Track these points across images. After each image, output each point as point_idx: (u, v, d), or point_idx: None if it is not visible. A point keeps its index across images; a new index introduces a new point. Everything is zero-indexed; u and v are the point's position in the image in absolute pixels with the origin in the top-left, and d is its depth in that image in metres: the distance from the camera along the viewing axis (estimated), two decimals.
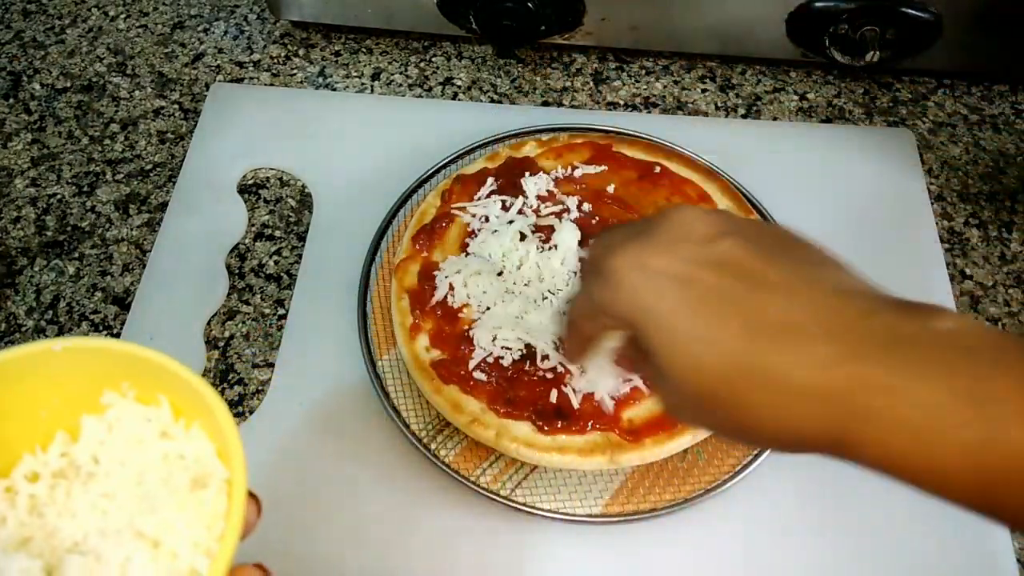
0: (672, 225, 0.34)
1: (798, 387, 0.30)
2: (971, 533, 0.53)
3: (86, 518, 0.30)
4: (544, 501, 0.53)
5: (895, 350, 0.29)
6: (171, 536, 0.29)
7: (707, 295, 0.32)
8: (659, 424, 0.52)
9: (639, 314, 0.33)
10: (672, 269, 0.33)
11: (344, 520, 0.53)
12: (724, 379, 0.31)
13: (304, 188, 0.69)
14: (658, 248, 0.34)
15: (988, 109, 0.75)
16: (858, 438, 0.29)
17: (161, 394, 0.32)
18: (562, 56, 0.79)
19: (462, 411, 0.53)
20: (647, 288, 0.33)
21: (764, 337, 0.31)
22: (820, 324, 0.30)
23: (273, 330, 0.62)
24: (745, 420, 0.32)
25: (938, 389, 0.28)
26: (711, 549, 0.53)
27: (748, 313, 0.31)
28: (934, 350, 0.29)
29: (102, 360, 0.32)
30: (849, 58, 0.71)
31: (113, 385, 0.32)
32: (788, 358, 0.30)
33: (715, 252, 0.33)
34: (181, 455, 0.31)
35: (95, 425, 0.32)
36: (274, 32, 0.81)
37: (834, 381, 0.29)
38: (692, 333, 0.32)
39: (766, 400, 0.31)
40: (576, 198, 0.61)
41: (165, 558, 0.29)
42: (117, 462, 0.31)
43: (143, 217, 0.68)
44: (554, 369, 0.54)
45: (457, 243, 0.60)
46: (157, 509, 0.29)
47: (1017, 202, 0.70)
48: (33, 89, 0.77)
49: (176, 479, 0.31)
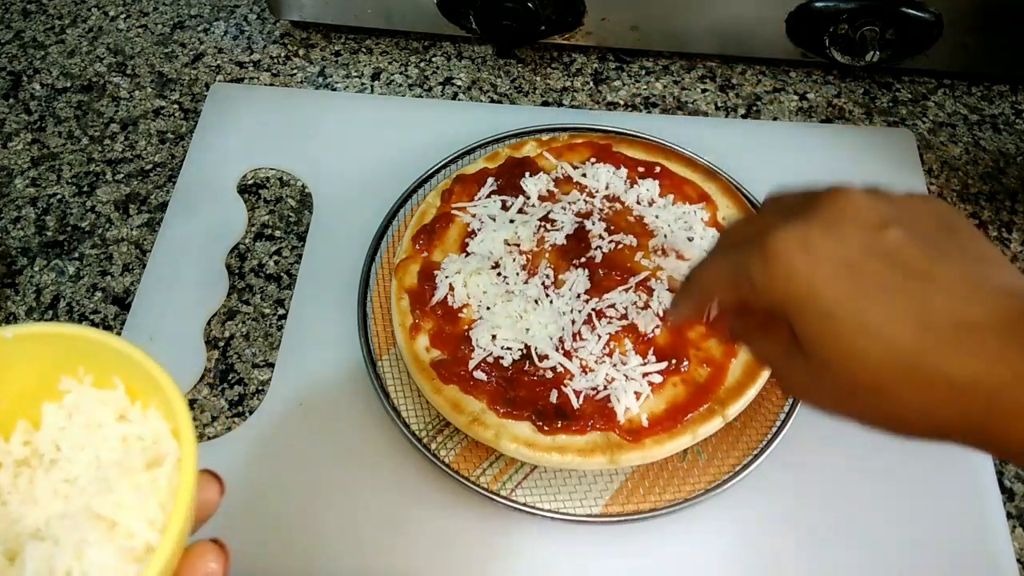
0: (839, 206, 0.34)
1: (960, 382, 0.30)
2: (971, 533, 0.53)
3: (48, 504, 0.31)
4: (544, 501, 0.53)
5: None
6: (126, 516, 0.29)
7: (877, 286, 0.32)
8: (659, 424, 0.52)
9: (798, 297, 0.33)
10: (840, 255, 0.32)
11: (344, 520, 0.53)
12: (887, 372, 0.31)
13: (304, 188, 0.69)
14: (826, 230, 0.33)
15: (988, 109, 0.75)
16: (1010, 427, 0.30)
17: (116, 377, 0.32)
18: (562, 56, 0.79)
19: (462, 411, 0.53)
20: (813, 272, 0.32)
21: (934, 333, 0.31)
22: (988, 321, 0.31)
23: (273, 330, 0.62)
24: (894, 410, 0.32)
25: None
26: (711, 549, 0.53)
27: (919, 308, 0.31)
28: None
29: (55, 346, 0.32)
30: (849, 58, 0.71)
31: (69, 371, 0.32)
32: (958, 356, 0.30)
33: (884, 241, 0.33)
34: (140, 436, 0.32)
35: (55, 412, 0.32)
36: (274, 32, 0.81)
37: (995, 376, 0.30)
38: (860, 323, 0.32)
39: (924, 394, 0.31)
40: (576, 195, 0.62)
41: (121, 538, 0.29)
42: (78, 447, 0.32)
43: (143, 217, 0.68)
44: (554, 369, 0.54)
45: (457, 243, 0.60)
46: (112, 490, 0.30)
47: (1017, 202, 0.70)
48: (33, 89, 0.77)
49: (132, 460, 0.31)
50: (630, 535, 0.53)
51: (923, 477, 0.55)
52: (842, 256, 0.32)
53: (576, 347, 0.55)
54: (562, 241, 0.59)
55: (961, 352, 0.30)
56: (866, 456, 0.56)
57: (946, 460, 0.56)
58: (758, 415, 0.56)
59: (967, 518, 0.54)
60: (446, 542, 0.53)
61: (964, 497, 0.54)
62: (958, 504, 0.54)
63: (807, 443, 0.56)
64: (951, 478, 0.55)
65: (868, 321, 0.32)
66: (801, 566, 0.52)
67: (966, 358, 0.30)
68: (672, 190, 0.63)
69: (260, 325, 0.62)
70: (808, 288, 0.32)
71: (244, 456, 0.56)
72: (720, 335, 0.47)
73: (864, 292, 0.32)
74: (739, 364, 0.55)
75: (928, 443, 0.33)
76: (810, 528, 0.53)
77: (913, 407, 0.32)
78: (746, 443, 0.55)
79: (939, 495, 0.54)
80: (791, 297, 0.33)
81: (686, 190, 0.63)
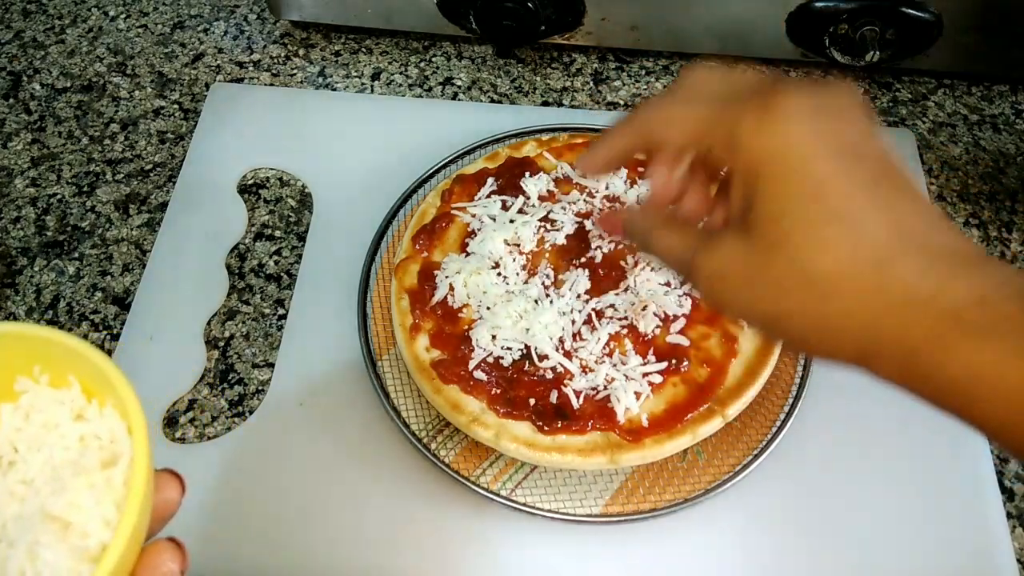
0: (845, 95, 0.33)
1: (917, 296, 0.29)
2: (971, 533, 0.53)
3: (4, 506, 0.30)
4: (544, 501, 0.53)
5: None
6: (80, 516, 0.29)
7: (869, 180, 0.31)
8: (659, 424, 0.52)
9: (786, 162, 0.31)
10: (844, 139, 0.31)
11: (344, 520, 0.53)
12: (846, 268, 0.30)
13: (304, 188, 0.69)
14: (836, 112, 0.32)
15: (988, 109, 0.75)
16: (950, 351, 0.29)
17: (71, 375, 0.32)
18: (562, 56, 0.79)
19: (462, 411, 0.53)
20: (812, 143, 0.31)
21: (907, 243, 0.30)
22: (957, 247, 0.31)
23: (273, 330, 0.62)
24: (826, 318, 0.31)
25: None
26: (711, 549, 0.53)
27: (899, 218, 0.31)
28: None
29: (8, 345, 0.32)
30: (849, 58, 0.71)
31: (25, 371, 0.32)
32: (925, 269, 0.30)
33: (878, 145, 0.32)
34: (97, 435, 0.31)
35: (11, 413, 0.32)
36: (274, 32, 0.81)
37: (957, 295, 0.29)
38: (841, 209, 0.30)
39: (872, 301, 0.30)
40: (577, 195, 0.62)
41: (75, 538, 0.29)
42: (35, 448, 0.31)
43: (143, 217, 0.68)
44: (554, 369, 0.54)
45: (457, 243, 0.60)
46: (66, 489, 0.29)
47: (1017, 202, 0.70)
48: (33, 89, 0.77)
49: (87, 459, 0.31)
50: (630, 535, 0.53)
51: (923, 478, 0.55)
52: (845, 141, 0.31)
53: (576, 347, 0.55)
54: (562, 241, 0.59)
55: (929, 267, 0.30)
56: (866, 456, 0.56)
57: (946, 460, 0.56)
58: (758, 415, 0.56)
59: (967, 518, 0.54)
60: (446, 542, 0.53)
61: (964, 497, 0.54)
62: (958, 504, 0.54)
63: (807, 443, 0.56)
64: (951, 478, 0.55)
65: (850, 208, 0.30)
66: (801, 566, 0.52)
67: (931, 272, 0.30)
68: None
69: (260, 325, 0.62)
70: (800, 156, 0.31)
71: (244, 456, 0.56)
72: (609, 228, 0.44)
73: (855, 181, 0.31)
74: (739, 364, 0.55)
75: (820, 363, 0.31)
76: (810, 528, 0.53)
77: (852, 316, 0.30)
78: (746, 443, 0.55)
79: (939, 495, 0.54)
80: (778, 159, 0.31)
81: None
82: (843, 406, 0.57)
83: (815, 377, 0.57)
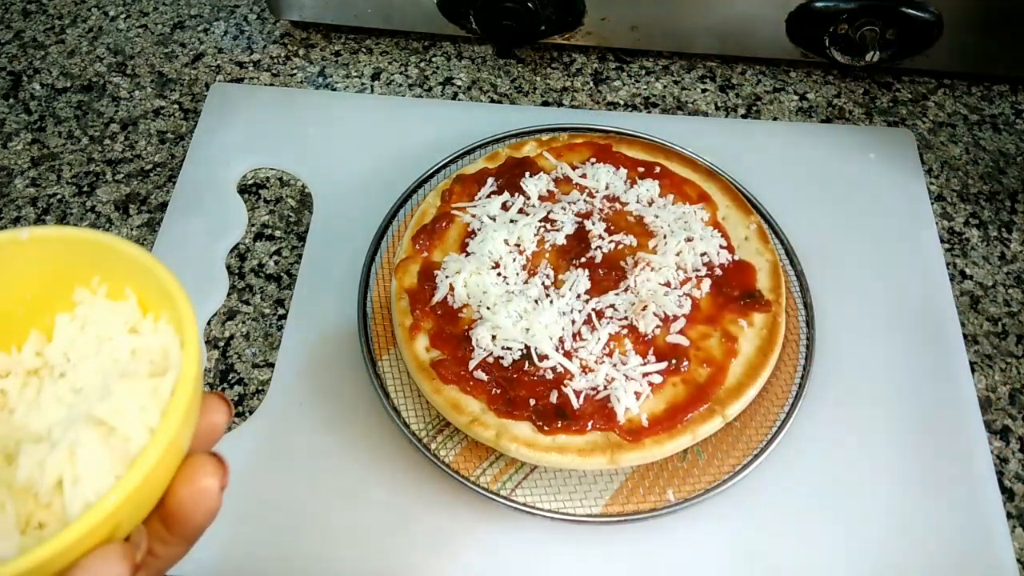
0: None
1: None
2: (971, 533, 0.53)
3: (52, 411, 0.30)
4: (544, 501, 0.53)
5: None
6: (124, 420, 0.29)
7: None
8: (659, 424, 0.52)
9: None
10: None
11: (344, 520, 0.53)
12: None
13: (304, 188, 0.69)
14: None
15: (988, 109, 0.75)
16: None
17: (129, 287, 0.32)
18: (562, 56, 0.79)
19: (462, 411, 0.53)
20: None
21: None
22: None
23: (273, 330, 0.62)
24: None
25: None
26: (711, 549, 0.53)
27: None
28: None
29: (70, 250, 0.32)
30: (849, 58, 0.71)
31: (83, 281, 0.32)
32: None
33: None
34: (149, 349, 0.32)
35: (67, 323, 0.32)
36: (274, 32, 0.81)
37: None
38: None
39: None
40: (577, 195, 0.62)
41: (118, 442, 0.29)
42: (87, 358, 0.32)
43: (143, 217, 0.68)
44: (554, 369, 0.54)
45: (457, 243, 0.60)
46: (112, 394, 0.29)
47: (1017, 202, 0.70)
48: (33, 89, 0.77)
49: (137, 368, 0.31)
50: (630, 535, 0.53)
51: (923, 478, 0.55)
52: None
53: (576, 347, 0.55)
54: (562, 241, 0.59)
55: None
56: (866, 457, 0.56)
57: (946, 460, 0.56)
58: (758, 415, 0.56)
59: (967, 518, 0.54)
60: (446, 542, 0.53)
61: (964, 497, 0.54)
62: (958, 504, 0.54)
63: (807, 443, 0.56)
64: (951, 479, 0.55)
65: None
66: (800, 566, 0.52)
67: None
68: (672, 190, 0.63)
69: (260, 325, 0.62)
70: None
71: (244, 456, 0.56)
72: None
73: None
74: (739, 364, 0.55)
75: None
76: (809, 528, 0.53)
77: None
78: (746, 443, 0.55)
79: (939, 495, 0.54)
80: None
81: (686, 190, 0.63)
82: (843, 406, 0.57)
83: (815, 377, 0.57)
